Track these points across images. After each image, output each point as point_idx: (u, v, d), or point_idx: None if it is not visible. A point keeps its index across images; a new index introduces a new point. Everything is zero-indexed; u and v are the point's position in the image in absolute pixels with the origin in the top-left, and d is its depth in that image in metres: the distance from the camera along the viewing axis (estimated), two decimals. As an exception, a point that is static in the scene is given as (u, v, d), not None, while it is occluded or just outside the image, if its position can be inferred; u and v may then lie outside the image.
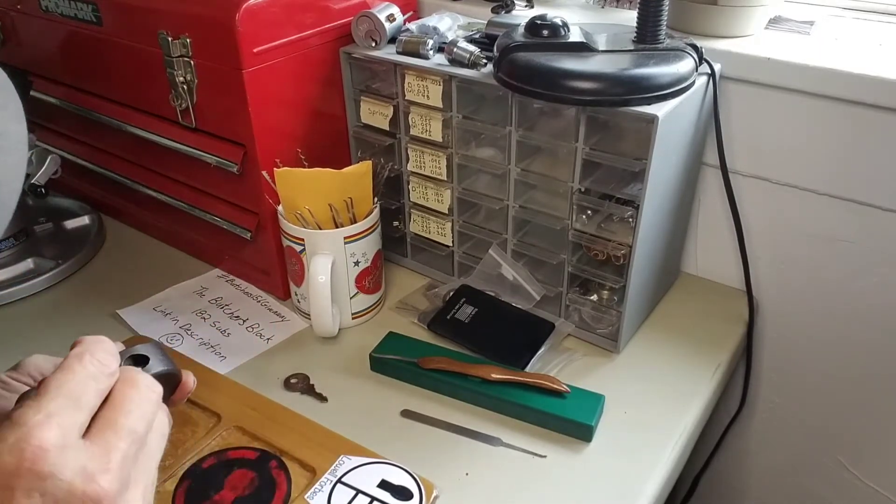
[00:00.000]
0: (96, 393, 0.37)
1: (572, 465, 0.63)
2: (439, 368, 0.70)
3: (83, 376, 0.37)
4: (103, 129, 0.89)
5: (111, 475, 0.35)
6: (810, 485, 0.93)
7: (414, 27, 0.78)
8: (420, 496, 0.59)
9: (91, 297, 0.86)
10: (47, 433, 0.34)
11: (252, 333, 0.79)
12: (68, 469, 0.34)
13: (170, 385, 0.46)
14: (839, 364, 0.83)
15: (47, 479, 0.33)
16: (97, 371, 0.38)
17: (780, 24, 0.80)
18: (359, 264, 0.76)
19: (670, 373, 0.73)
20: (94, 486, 0.34)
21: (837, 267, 0.78)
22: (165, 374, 0.44)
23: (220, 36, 0.69)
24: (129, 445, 0.36)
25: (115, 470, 0.35)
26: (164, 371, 0.44)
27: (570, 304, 0.77)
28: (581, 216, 0.72)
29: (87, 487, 0.34)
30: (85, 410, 0.36)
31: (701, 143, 0.76)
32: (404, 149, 0.80)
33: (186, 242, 0.93)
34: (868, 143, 0.70)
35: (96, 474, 0.34)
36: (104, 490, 0.34)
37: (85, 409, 0.36)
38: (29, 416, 0.35)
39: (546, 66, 0.63)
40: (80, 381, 0.37)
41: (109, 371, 0.38)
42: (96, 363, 0.38)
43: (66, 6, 0.83)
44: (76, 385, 0.37)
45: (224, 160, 0.77)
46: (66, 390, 0.36)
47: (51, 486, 0.34)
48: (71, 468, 0.34)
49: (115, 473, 0.35)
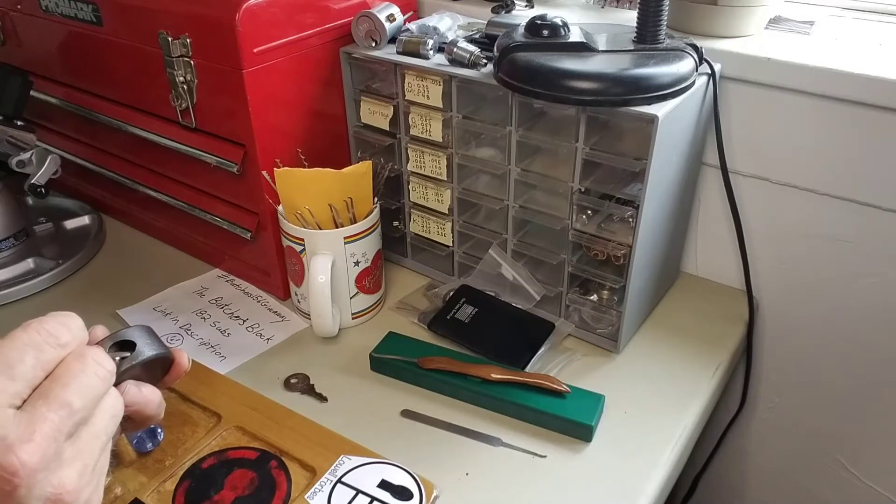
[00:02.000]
0: (36, 363, 0.35)
1: (572, 465, 0.63)
2: (439, 368, 0.70)
3: (21, 343, 0.35)
4: (103, 129, 0.89)
5: (33, 446, 0.32)
6: (810, 485, 0.93)
7: (414, 27, 0.78)
8: (420, 496, 0.59)
9: (91, 297, 0.86)
10: None
11: (252, 333, 0.79)
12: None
13: (162, 368, 0.45)
14: (839, 364, 0.83)
15: None
16: (41, 340, 0.35)
17: (780, 24, 0.80)
18: (359, 264, 0.76)
19: (670, 373, 0.73)
20: (11, 458, 0.31)
21: (837, 267, 0.78)
22: (154, 358, 0.43)
23: (221, 36, 0.69)
24: (62, 419, 0.34)
25: (38, 442, 0.32)
26: (154, 355, 0.43)
27: (570, 304, 0.77)
28: (581, 216, 0.72)
29: (3, 458, 0.31)
30: (19, 380, 0.34)
31: (701, 143, 0.76)
32: (404, 149, 0.80)
33: (186, 242, 0.93)
34: (868, 143, 0.70)
35: (15, 444, 0.32)
36: (21, 461, 0.32)
37: (19, 378, 0.34)
38: None
39: (546, 66, 0.63)
40: (16, 349, 0.34)
41: (58, 342, 0.36)
42: (43, 332, 0.36)
43: (66, 6, 0.83)
44: (11, 352, 0.34)
45: (224, 160, 0.77)
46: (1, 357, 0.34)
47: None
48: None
49: (39, 445, 0.32)
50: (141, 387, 0.42)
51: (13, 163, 0.85)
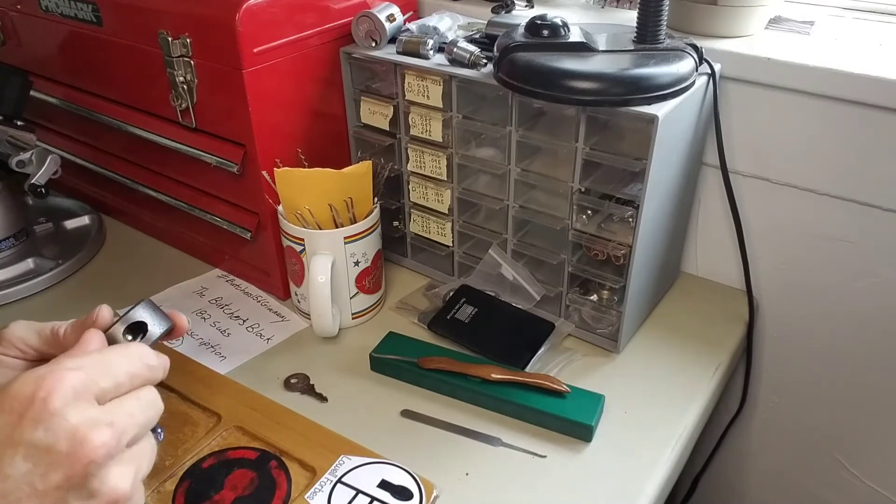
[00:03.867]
0: (128, 373, 0.40)
1: (572, 465, 0.63)
2: (439, 368, 0.70)
3: (121, 353, 0.41)
4: (103, 129, 0.89)
5: (112, 431, 0.37)
6: (810, 485, 0.93)
7: (414, 27, 0.78)
8: (420, 496, 0.59)
9: (91, 297, 0.86)
10: (70, 376, 0.37)
11: (252, 333, 0.79)
12: (76, 414, 0.36)
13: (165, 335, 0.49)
14: (839, 364, 0.83)
15: (54, 416, 0.35)
16: (136, 355, 0.41)
17: (780, 24, 0.80)
18: (359, 264, 0.76)
19: (670, 373, 0.73)
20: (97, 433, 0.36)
21: (837, 267, 0.78)
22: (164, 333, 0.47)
23: (221, 36, 0.69)
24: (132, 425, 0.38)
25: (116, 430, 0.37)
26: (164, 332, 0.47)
27: (570, 304, 0.77)
28: (581, 216, 0.72)
29: (90, 432, 0.36)
30: (110, 379, 0.39)
31: (701, 143, 0.76)
32: (404, 149, 0.80)
33: (186, 242, 0.93)
34: (868, 143, 0.70)
35: (101, 425, 0.36)
36: (103, 440, 0.36)
37: (111, 378, 0.39)
38: (64, 362, 0.38)
39: (546, 66, 0.63)
40: (117, 355, 0.40)
41: (148, 363, 0.41)
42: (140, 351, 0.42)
43: (66, 6, 0.83)
44: (113, 356, 0.40)
45: (224, 160, 0.77)
46: (102, 357, 0.40)
47: (56, 424, 0.35)
48: (79, 415, 0.36)
49: (116, 433, 0.37)
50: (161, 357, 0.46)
51: (13, 163, 0.85)
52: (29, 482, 0.34)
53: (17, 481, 0.34)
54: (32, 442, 0.35)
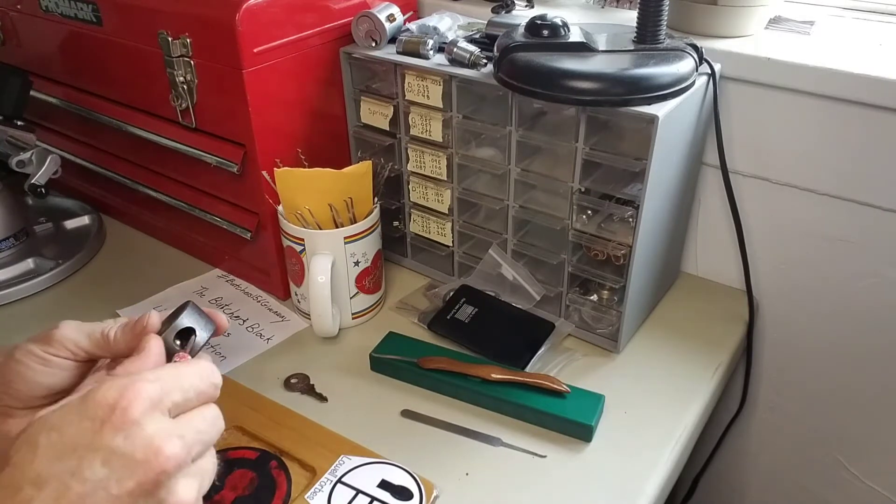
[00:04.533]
0: (197, 390, 0.41)
1: (572, 465, 0.63)
2: (439, 368, 0.70)
3: (194, 370, 0.42)
4: (103, 129, 0.89)
5: (183, 444, 0.38)
6: (810, 485, 0.93)
7: (414, 27, 0.78)
8: (420, 496, 0.59)
9: (91, 297, 0.86)
10: (149, 388, 0.38)
11: (252, 333, 0.79)
12: (153, 425, 0.37)
13: None
14: (839, 364, 0.83)
15: (134, 425, 0.36)
16: (205, 374, 0.42)
17: (780, 24, 0.80)
18: (359, 264, 0.76)
19: (670, 373, 0.73)
20: (169, 445, 0.37)
21: (837, 267, 0.78)
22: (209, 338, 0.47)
23: (221, 36, 0.69)
24: (197, 442, 0.39)
25: (186, 444, 0.38)
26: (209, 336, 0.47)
27: (570, 304, 0.77)
28: (581, 216, 0.72)
29: (164, 443, 0.37)
30: (181, 394, 0.40)
31: (701, 143, 0.76)
32: (404, 149, 0.80)
33: (186, 242, 0.93)
34: (868, 143, 0.70)
35: (174, 436, 0.37)
36: (175, 451, 0.37)
37: (182, 393, 0.40)
38: (145, 374, 0.39)
39: (546, 66, 0.63)
40: (190, 373, 0.41)
41: (215, 382, 0.42)
42: (210, 370, 0.43)
43: (66, 6, 0.83)
44: (186, 372, 0.41)
45: (224, 160, 0.77)
46: (177, 372, 0.41)
47: (134, 432, 0.36)
48: (155, 426, 0.37)
49: (186, 446, 0.38)
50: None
51: (13, 163, 0.85)
52: (105, 487, 0.35)
53: (95, 485, 0.35)
54: (112, 448, 0.36)
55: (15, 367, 0.43)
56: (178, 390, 0.40)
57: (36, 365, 0.44)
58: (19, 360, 0.44)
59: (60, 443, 0.36)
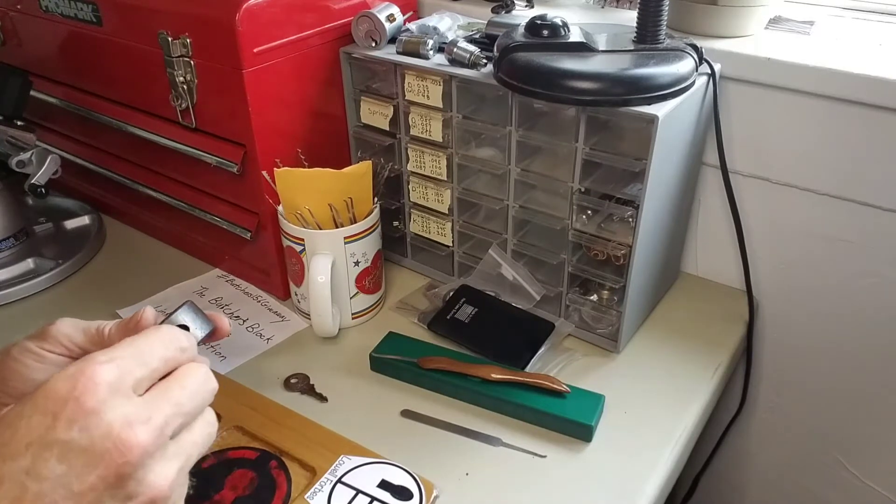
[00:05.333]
0: (162, 358, 0.39)
1: (572, 465, 0.63)
2: (439, 368, 0.70)
3: (154, 339, 0.39)
4: (103, 129, 0.89)
5: (149, 429, 0.35)
6: (810, 485, 0.93)
7: (414, 27, 0.78)
8: (420, 496, 0.59)
9: (91, 297, 0.86)
10: (103, 371, 0.35)
11: (252, 333, 0.79)
12: (112, 411, 0.35)
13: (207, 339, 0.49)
14: (839, 364, 0.83)
15: (90, 415, 0.34)
16: (168, 339, 0.40)
17: (780, 24, 0.80)
18: (359, 264, 0.76)
19: (670, 373, 0.73)
20: (130, 433, 0.35)
21: (837, 267, 0.78)
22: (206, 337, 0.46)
23: (221, 36, 0.69)
24: (174, 415, 0.37)
25: (154, 427, 0.36)
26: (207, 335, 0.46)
27: (570, 304, 0.77)
28: (581, 216, 0.72)
29: (124, 432, 0.34)
30: (146, 368, 0.38)
31: (701, 143, 0.76)
32: (404, 149, 0.80)
33: (186, 242, 0.93)
34: (868, 143, 0.70)
35: (136, 423, 0.35)
36: (138, 439, 0.35)
37: (147, 366, 0.38)
38: (96, 356, 0.36)
39: (546, 66, 0.63)
40: (149, 342, 0.39)
41: (181, 345, 0.40)
42: (171, 334, 0.40)
43: (66, 6, 0.83)
44: (145, 343, 0.39)
45: (224, 160, 0.77)
46: (135, 345, 0.38)
47: (91, 423, 0.34)
48: (115, 412, 0.35)
49: (153, 431, 0.36)
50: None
51: (13, 163, 0.85)
52: (64, 484, 0.34)
53: (54, 483, 0.34)
54: (67, 443, 0.34)
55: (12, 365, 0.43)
56: (138, 365, 0.37)
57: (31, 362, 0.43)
58: (16, 358, 0.43)
59: (13, 441, 0.34)
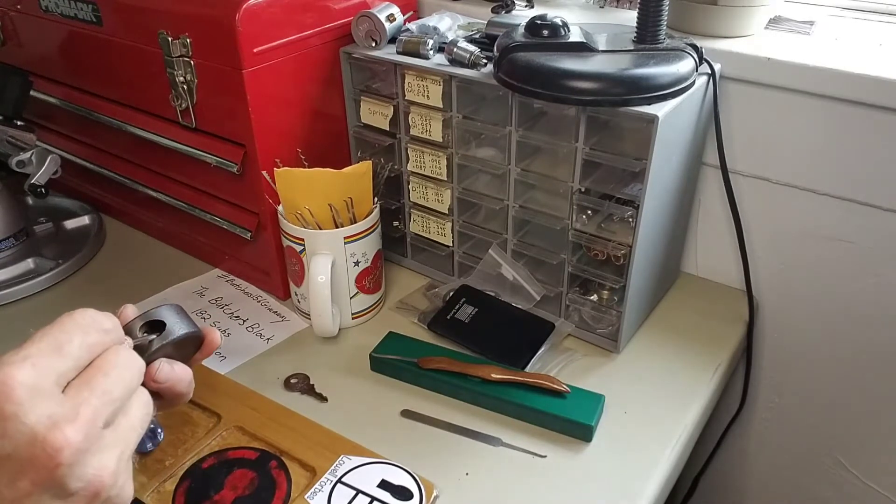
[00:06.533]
0: (83, 345, 0.36)
1: (572, 465, 0.63)
2: (439, 368, 0.70)
3: (70, 326, 0.37)
4: (103, 129, 0.89)
5: (77, 425, 0.34)
6: (810, 485, 0.93)
7: (414, 27, 0.78)
8: (420, 496, 0.59)
9: (91, 297, 0.86)
10: (18, 372, 0.33)
11: (252, 333, 0.79)
12: (34, 413, 0.33)
13: (193, 345, 0.46)
14: (839, 364, 0.83)
15: (9, 420, 0.32)
16: (87, 324, 0.37)
17: (780, 24, 0.80)
18: (359, 264, 0.76)
19: (670, 373, 0.73)
20: (57, 434, 0.33)
21: (837, 267, 0.78)
22: (185, 337, 0.44)
23: (221, 36, 0.69)
24: (104, 405, 0.35)
25: (82, 422, 0.34)
26: (184, 334, 0.43)
27: (570, 304, 0.77)
28: (581, 216, 0.72)
29: (49, 434, 0.33)
30: (68, 359, 0.35)
31: (701, 143, 0.76)
32: (404, 149, 0.80)
33: (186, 242, 0.93)
34: (868, 143, 0.70)
35: (62, 422, 0.33)
36: (66, 440, 0.33)
37: (68, 357, 0.35)
38: (8, 356, 0.34)
39: (546, 66, 0.63)
40: (65, 330, 0.36)
41: (101, 327, 0.38)
42: (88, 318, 0.37)
43: (66, 6, 0.83)
44: (60, 333, 0.36)
45: (224, 160, 0.77)
46: (49, 337, 0.36)
47: (12, 429, 0.32)
48: (37, 413, 0.33)
49: (83, 426, 0.34)
50: (173, 365, 0.43)
51: (13, 163, 0.85)
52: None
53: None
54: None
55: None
56: (56, 358, 0.35)
57: None
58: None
59: None
